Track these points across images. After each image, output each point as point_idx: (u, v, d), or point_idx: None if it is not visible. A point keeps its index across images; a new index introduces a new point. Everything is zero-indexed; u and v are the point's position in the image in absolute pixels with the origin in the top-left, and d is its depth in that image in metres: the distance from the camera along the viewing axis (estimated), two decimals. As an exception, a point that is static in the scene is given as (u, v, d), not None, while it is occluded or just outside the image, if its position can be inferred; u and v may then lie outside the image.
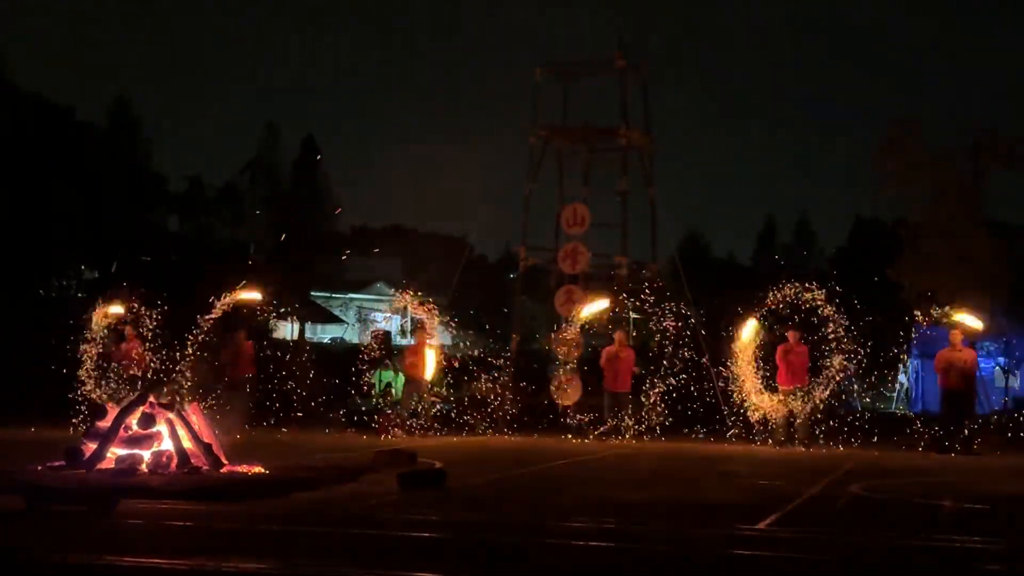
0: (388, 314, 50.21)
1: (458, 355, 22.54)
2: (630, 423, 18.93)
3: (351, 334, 50.27)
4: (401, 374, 20.24)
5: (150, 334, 18.35)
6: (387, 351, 25.70)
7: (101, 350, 18.30)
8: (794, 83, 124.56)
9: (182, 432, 10.83)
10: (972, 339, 18.23)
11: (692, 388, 19.43)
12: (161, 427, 10.78)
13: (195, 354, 17.54)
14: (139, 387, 17.65)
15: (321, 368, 20.56)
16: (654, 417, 18.88)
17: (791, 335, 17.83)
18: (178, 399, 11.56)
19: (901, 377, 38.73)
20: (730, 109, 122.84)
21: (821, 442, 17.45)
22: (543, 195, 23.20)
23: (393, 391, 24.15)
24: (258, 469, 10.99)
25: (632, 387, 19.27)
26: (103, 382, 18.12)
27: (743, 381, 17.62)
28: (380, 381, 25.60)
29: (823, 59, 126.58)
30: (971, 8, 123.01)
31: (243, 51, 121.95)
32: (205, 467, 10.72)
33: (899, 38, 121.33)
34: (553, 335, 21.93)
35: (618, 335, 19.58)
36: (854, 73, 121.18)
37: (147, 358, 18.45)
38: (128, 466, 10.41)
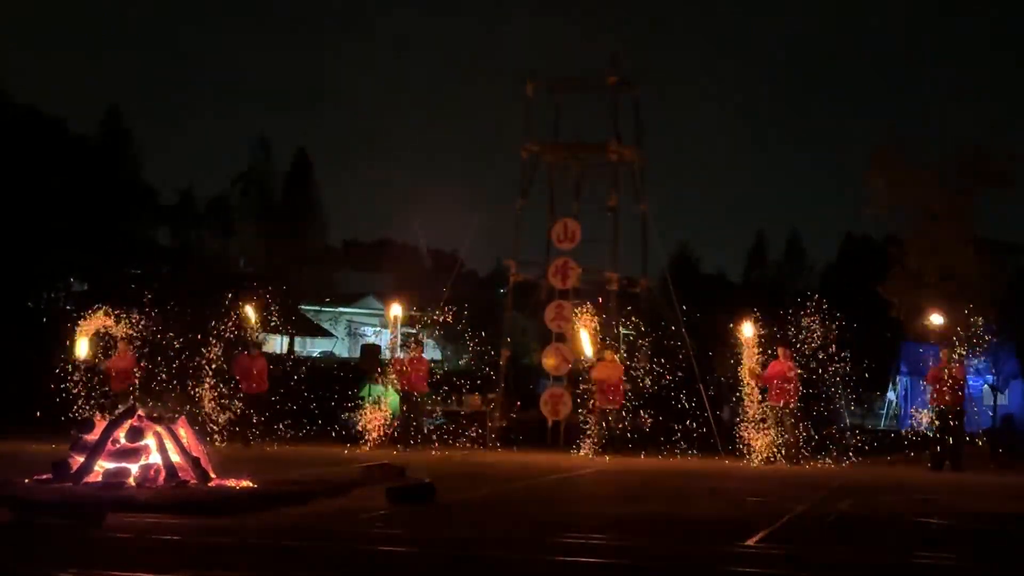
0: (378, 328, 50.19)
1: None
2: (620, 439, 18.91)
3: (341, 348, 50.19)
4: (392, 388, 20.18)
5: (141, 347, 18.34)
6: (377, 365, 25.64)
7: (90, 363, 18.23)
8: (785, 100, 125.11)
9: (170, 445, 10.80)
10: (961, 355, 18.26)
11: (683, 405, 19.46)
12: (149, 440, 10.74)
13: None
14: (129, 401, 17.66)
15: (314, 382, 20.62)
16: (643, 432, 18.89)
17: (780, 351, 17.84)
18: (167, 412, 11.53)
19: (890, 394, 38.86)
20: (721, 125, 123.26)
21: (812, 459, 17.45)
22: (534, 210, 23.21)
23: (383, 405, 24.07)
24: (246, 483, 10.96)
25: (622, 403, 19.25)
26: (92, 395, 18.06)
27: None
28: (370, 395, 25.54)
29: (814, 76, 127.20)
30: (961, 27, 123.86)
31: (235, 64, 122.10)
32: (193, 481, 10.69)
33: (890, 56, 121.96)
34: (544, 350, 21.93)
35: (608, 352, 19.57)
36: (845, 90, 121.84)
37: (138, 372, 18.43)
38: (116, 479, 10.37)
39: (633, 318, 20.67)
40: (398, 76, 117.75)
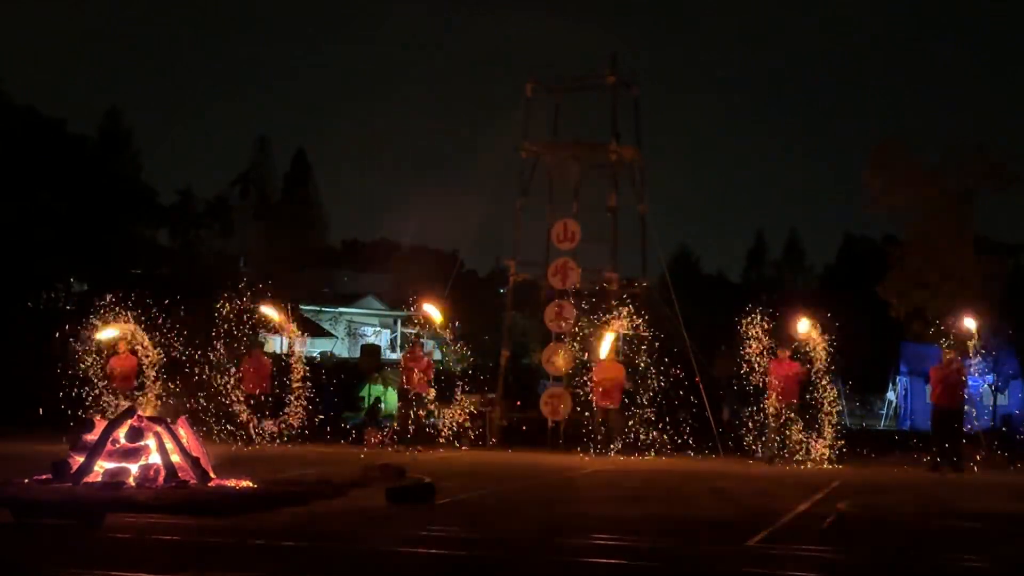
0: (378, 328, 50.23)
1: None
2: (620, 439, 18.92)
3: (340, 348, 50.19)
4: (391, 388, 20.19)
5: (144, 348, 18.34)
6: (377, 366, 25.66)
7: (91, 364, 18.23)
8: (784, 100, 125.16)
9: (170, 446, 10.79)
10: (962, 355, 18.26)
11: (683, 405, 19.46)
12: (149, 441, 10.74)
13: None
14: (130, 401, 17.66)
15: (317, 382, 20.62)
16: (644, 433, 18.87)
17: (781, 352, 17.83)
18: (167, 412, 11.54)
19: (890, 395, 38.87)
20: (721, 126, 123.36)
21: (811, 459, 17.45)
22: (534, 210, 23.20)
23: (383, 405, 24.11)
24: (246, 483, 10.95)
25: (622, 403, 19.25)
26: (94, 395, 18.07)
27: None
28: (369, 395, 25.57)
29: (813, 76, 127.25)
30: (962, 27, 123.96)
31: (235, 65, 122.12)
32: (193, 481, 10.68)
33: (889, 56, 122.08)
34: (544, 350, 21.92)
35: (609, 352, 19.56)
36: (844, 90, 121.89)
37: (137, 372, 18.44)
38: (115, 480, 10.36)
39: (633, 318, 20.65)
40: (398, 76, 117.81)
